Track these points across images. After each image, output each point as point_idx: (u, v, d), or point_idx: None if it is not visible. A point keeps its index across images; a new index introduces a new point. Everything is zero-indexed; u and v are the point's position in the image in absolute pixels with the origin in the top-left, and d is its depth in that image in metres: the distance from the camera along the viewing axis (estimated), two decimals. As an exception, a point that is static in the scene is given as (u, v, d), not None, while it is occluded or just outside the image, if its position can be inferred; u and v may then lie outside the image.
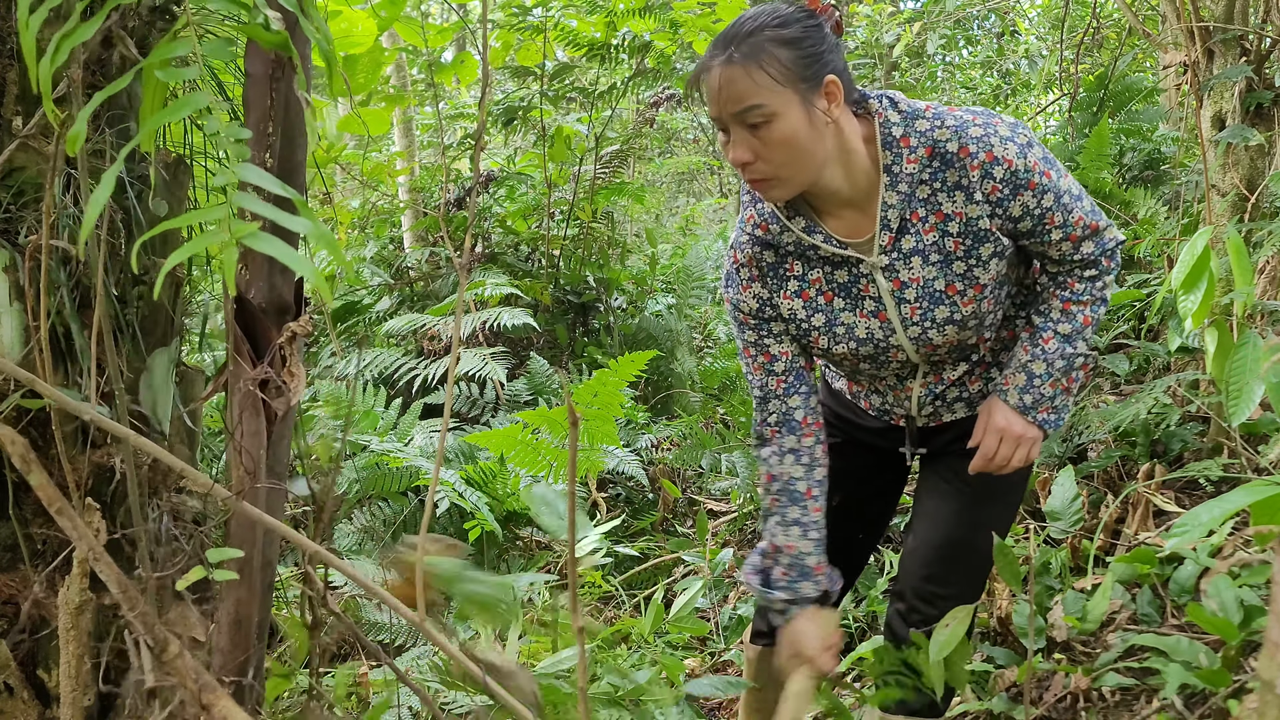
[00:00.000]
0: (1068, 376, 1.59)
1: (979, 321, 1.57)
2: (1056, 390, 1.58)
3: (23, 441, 1.01)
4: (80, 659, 1.24)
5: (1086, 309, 1.56)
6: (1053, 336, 1.56)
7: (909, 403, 1.72)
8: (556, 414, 3.38)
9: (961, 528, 1.73)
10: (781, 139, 1.39)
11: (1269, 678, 0.72)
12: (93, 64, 1.46)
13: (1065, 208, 1.49)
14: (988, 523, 1.71)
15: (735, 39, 1.40)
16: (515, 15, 5.00)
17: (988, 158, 1.43)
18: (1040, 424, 1.60)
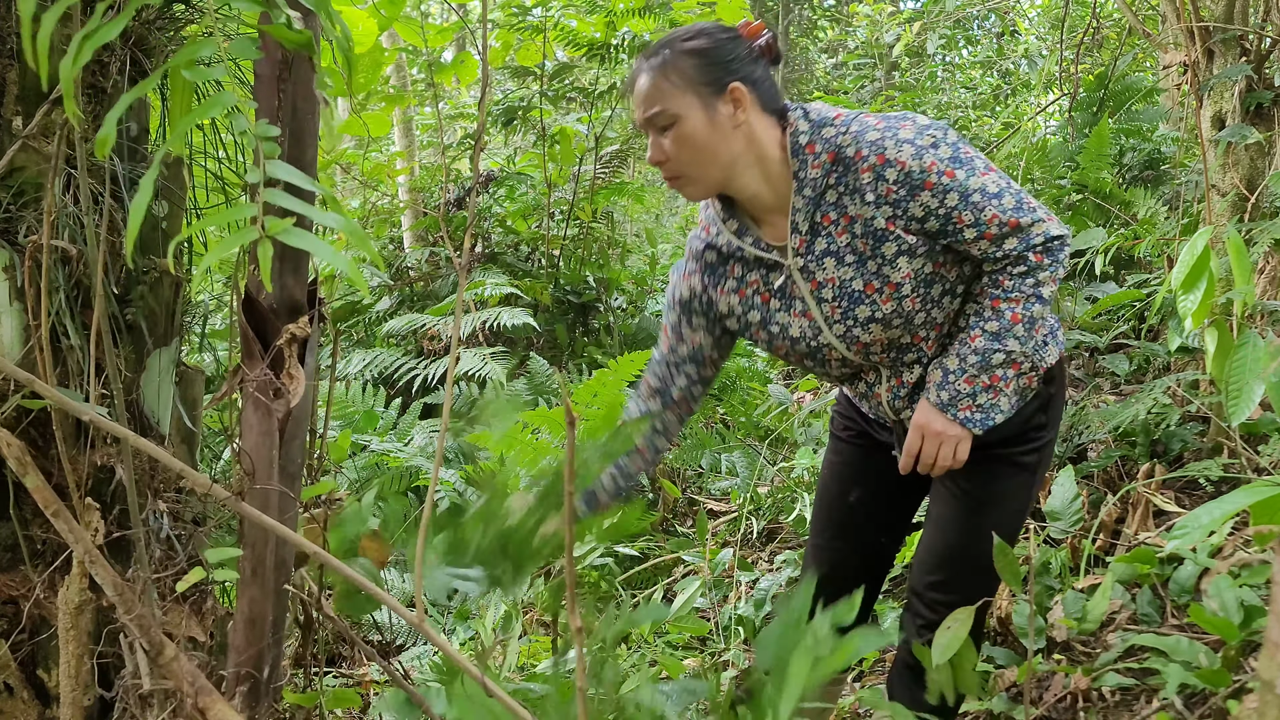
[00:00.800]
0: (988, 374, 1.57)
1: (905, 320, 1.60)
2: (976, 387, 1.57)
3: (19, 444, 1.01)
4: (80, 659, 1.24)
5: (1017, 306, 1.55)
6: (980, 334, 1.57)
7: (883, 407, 1.73)
8: (556, 414, 3.38)
9: (960, 534, 1.73)
10: (683, 139, 1.53)
11: (1269, 678, 0.72)
12: (93, 65, 1.46)
13: (975, 206, 1.51)
14: (987, 529, 1.69)
15: (651, 53, 1.56)
16: (515, 15, 5.00)
17: (879, 160, 1.50)
18: (962, 422, 1.59)
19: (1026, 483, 1.72)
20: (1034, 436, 1.70)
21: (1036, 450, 1.72)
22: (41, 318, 1.27)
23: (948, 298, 1.62)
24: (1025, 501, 1.74)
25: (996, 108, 7.70)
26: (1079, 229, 3.68)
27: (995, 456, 1.69)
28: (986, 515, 1.71)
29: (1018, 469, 1.71)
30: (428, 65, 5.26)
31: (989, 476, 1.70)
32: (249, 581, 1.40)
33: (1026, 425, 1.69)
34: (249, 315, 1.40)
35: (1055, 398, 1.74)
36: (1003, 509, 1.72)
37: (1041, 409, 1.71)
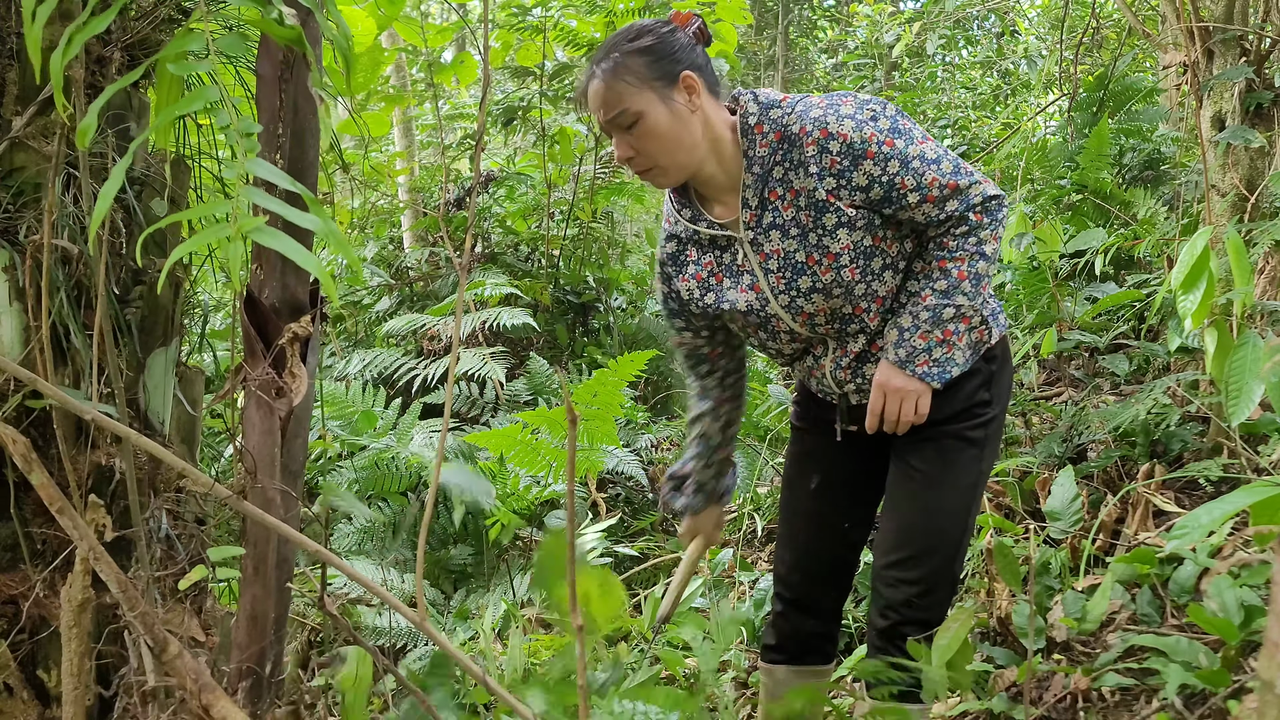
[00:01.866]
0: (941, 328, 1.65)
1: (845, 290, 1.67)
2: (930, 342, 1.65)
3: (24, 441, 1.01)
4: (81, 658, 1.24)
5: (962, 264, 1.63)
6: (930, 293, 1.65)
7: (826, 379, 1.79)
8: (556, 414, 3.38)
9: (915, 511, 1.77)
10: (649, 133, 1.62)
11: (1269, 678, 0.72)
12: (92, 64, 1.46)
13: (916, 171, 1.59)
14: (941, 504, 1.75)
15: (599, 59, 1.64)
16: (515, 15, 5.00)
17: (822, 134, 1.59)
18: (921, 376, 1.66)
19: (975, 457, 1.78)
20: (979, 412, 1.76)
21: (983, 425, 1.77)
22: (43, 317, 1.27)
23: (888, 272, 1.68)
24: (976, 476, 1.79)
25: (996, 108, 7.70)
26: (1079, 229, 3.68)
27: (944, 433, 1.75)
28: (939, 491, 1.76)
29: (966, 443, 1.76)
30: (427, 65, 5.26)
31: (939, 452, 1.76)
32: (251, 579, 1.40)
33: (971, 401, 1.75)
34: (251, 314, 1.40)
35: (998, 375, 1.80)
36: (954, 484, 1.77)
37: (984, 385, 1.77)
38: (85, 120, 0.79)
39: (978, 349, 1.71)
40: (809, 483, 1.93)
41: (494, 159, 6.14)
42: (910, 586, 1.75)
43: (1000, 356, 1.80)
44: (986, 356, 1.77)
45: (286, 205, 0.75)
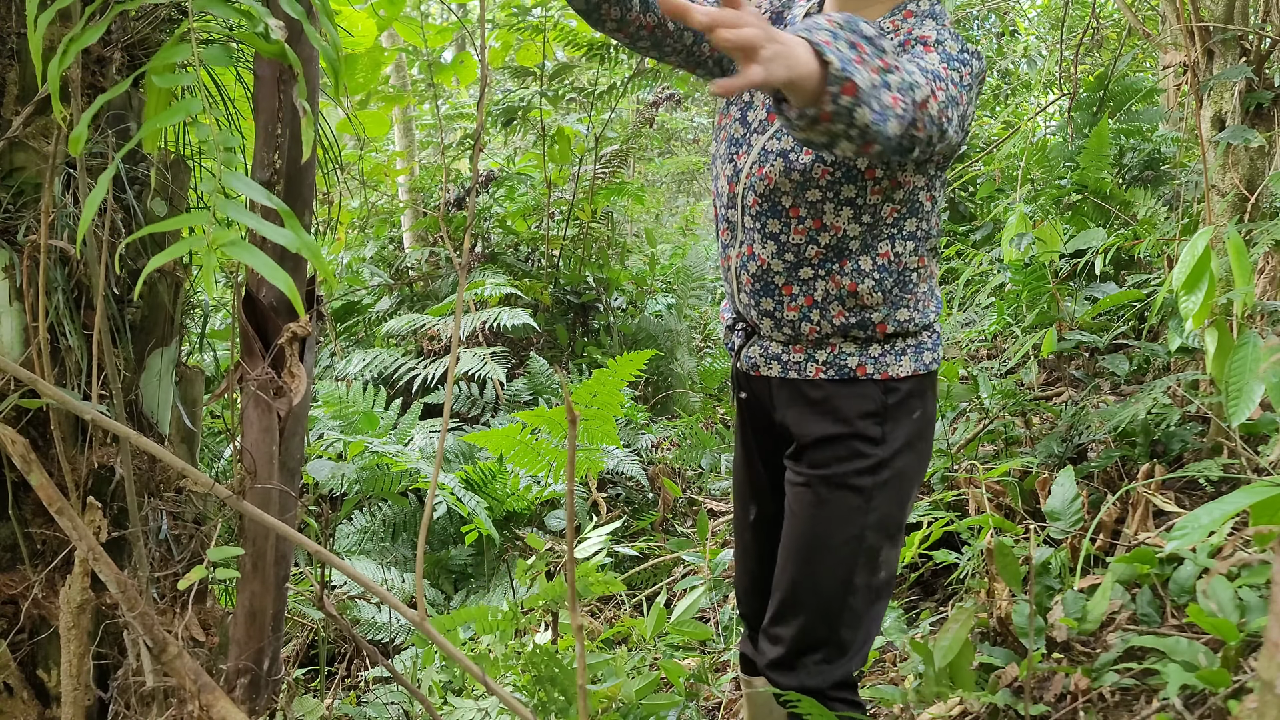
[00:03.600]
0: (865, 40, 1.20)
1: (804, 180, 1.46)
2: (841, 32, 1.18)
3: (23, 441, 1.01)
4: (81, 658, 1.24)
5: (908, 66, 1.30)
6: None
7: (731, 277, 1.61)
8: (556, 414, 3.38)
9: (789, 564, 1.59)
10: None
11: (1269, 678, 0.72)
12: (92, 64, 1.46)
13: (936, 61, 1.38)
14: (814, 565, 1.57)
15: None
16: (515, 15, 5.00)
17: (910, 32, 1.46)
18: (824, 51, 1.12)
19: (858, 509, 1.54)
20: (863, 451, 1.54)
21: (869, 471, 1.54)
22: (40, 317, 1.27)
23: (848, 209, 1.47)
24: (859, 531, 1.55)
25: (996, 107, 7.70)
26: (1079, 229, 3.68)
27: (821, 477, 1.56)
28: (812, 547, 1.57)
29: (847, 491, 1.54)
30: (427, 65, 5.26)
31: (815, 499, 1.56)
32: (250, 577, 1.41)
33: (852, 429, 1.54)
34: (249, 314, 1.40)
35: (896, 413, 1.56)
36: (827, 540, 1.56)
37: (875, 417, 1.55)
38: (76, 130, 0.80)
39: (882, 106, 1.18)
40: (748, 514, 1.78)
41: (494, 159, 6.14)
42: (776, 646, 1.60)
43: (906, 395, 1.56)
44: (886, 387, 1.55)
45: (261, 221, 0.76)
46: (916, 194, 1.52)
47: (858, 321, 1.54)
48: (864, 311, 1.54)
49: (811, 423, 1.57)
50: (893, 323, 1.55)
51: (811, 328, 1.55)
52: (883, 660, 2.66)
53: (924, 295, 1.59)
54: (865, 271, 1.51)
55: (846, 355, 1.55)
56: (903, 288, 1.55)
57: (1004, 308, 3.55)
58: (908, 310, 1.56)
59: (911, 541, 2.70)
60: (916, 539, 2.69)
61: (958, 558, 2.67)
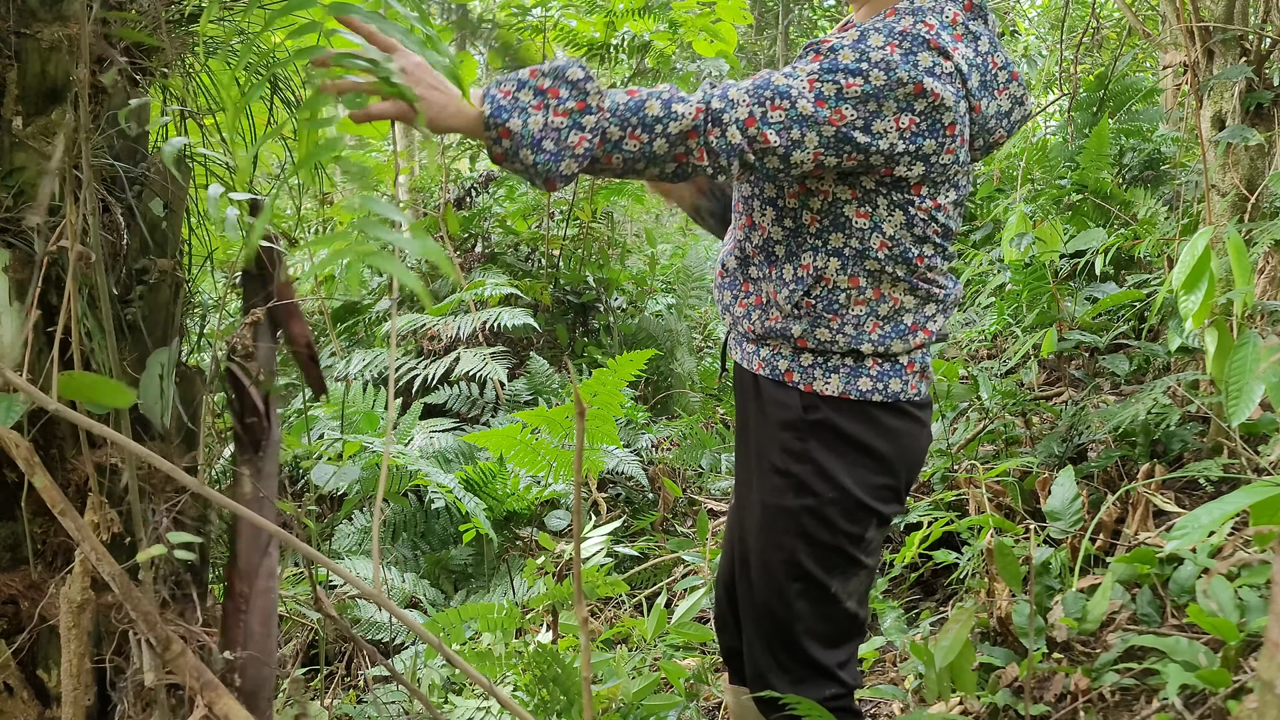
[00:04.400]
0: (555, 80, 1.29)
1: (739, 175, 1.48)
2: (531, 80, 1.29)
3: (27, 445, 1.01)
4: (81, 658, 1.24)
5: (646, 91, 1.34)
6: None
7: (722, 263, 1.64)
8: (556, 414, 3.38)
9: (740, 583, 1.59)
10: None
11: (1269, 678, 0.72)
12: (93, 63, 1.46)
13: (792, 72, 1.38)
14: (754, 586, 1.55)
15: None
16: (515, 15, 5.00)
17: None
18: (487, 96, 1.28)
19: (791, 530, 1.49)
20: (782, 468, 1.50)
21: (793, 493, 1.49)
22: (31, 317, 1.27)
23: (770, 210, 1.49)
24: (789, 556, 1.50)
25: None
26: (1079, 229, 3.68)
27: (757, 498, 1.53)
28: (751, 567, 1.54)
29: (778, 513, 1.50)
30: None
31: (753, 515, 1.54)
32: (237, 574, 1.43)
33: (776, 440, 1.51)
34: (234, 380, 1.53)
35: (818, 431, 1.49)
36: (766, 561, 1.52)
37: (793, 430, 1.50)
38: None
39: (567, 149, 1.28)
40: (731, 534, 1.75)
41: (494, 159, 6.13)
42: (749, 662, 1.58)
43: (828, 416, 1.48)
44: (806, 401, 1.49)
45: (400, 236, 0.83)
46: (840, 206, 1.46)
47: (780, 329, 1.51)
48: (785, 320, 1.51)
49: (753, 420, 1.56)
50: (811, 339, 1.49)
51: (750, 325, 1.56)
52: (883, 660, 2.66)
53: (860, 320, 1.49)
54: (785, 280, 1.50)
55: (780, 358, 1.52)
56: (825, 306, 1.48)
57: (1004, 308, 3.56)
58: (829, 331, 1.49)
59: (911, 542, 2.70)
60: (916, 539, 2.69)
61: (958, 558, 2.67)
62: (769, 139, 1.34)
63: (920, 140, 1.38)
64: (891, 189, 1.44)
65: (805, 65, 1.37)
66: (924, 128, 1.38)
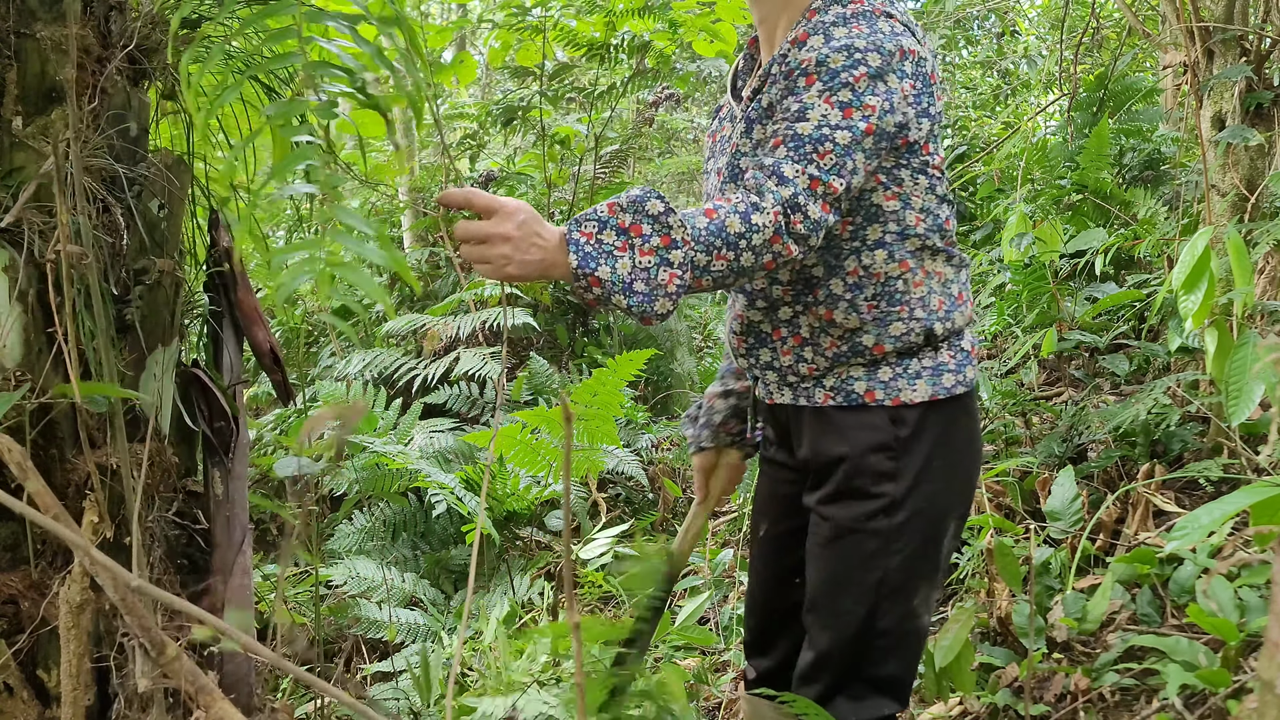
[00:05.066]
0: (635, 216, 1.29)
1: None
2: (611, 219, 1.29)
3: (20, 449, 1.01)
4: (81, 658, 1.24)
5: (723, 207, 1.31)
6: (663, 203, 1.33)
7: (731, 328, 1.61)
8: (556, 414, 3.38)
9: (815, 601, 1.54)
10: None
11: (1269, 678, 0.72)
12: (92, 64, 1.46)
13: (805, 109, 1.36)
14: (835, 608, 1.50)
15: None
16: (515, 15, 5.00)
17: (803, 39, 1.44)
18: (569, 240, 1.28)
19: (878, 552, 1.47)
20: (875, 492, 1.46)
21: (884, 512, 1.46)
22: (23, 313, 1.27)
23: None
24: (883, 573, 1.47)
25: (996, 108, 7.70)
26: (1079, 229, 3.68)
27: (835, 519, 1.49)
28: (833, 588, 1.51)
29: (865, 536, 1.47)
30: (427, 65, 5.25)
31: (831, 541, 1.50)
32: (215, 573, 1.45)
33: (861, 468, 1.46)
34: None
35: (912, 445, 1.46)
36: (848, 583, 1.49)
37: (887, 451, 1.46)
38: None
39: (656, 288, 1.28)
40: (759, 529, 1.75)
41: (494, 159, 6.14)
42: (810, 686, 1.53)
43: (919, 424, 1.46)
44: (895, 415, 1.46)
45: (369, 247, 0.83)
46: (869, 198, 1.44)
47: (849, 348, 1.48)
48: (853, 336, 1.47)
49: (821, 452, 1.50)
50: (889, 340, 1.46)
51: (809, 367, 1.50)
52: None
53: (924, 300, 1.47)
54: (838, 295, 1.46)
55: (854, 380, 1.48)
56: (888, 300, 1.46)
57: (1004, 308, 3.55)
58: (903, 323, 1.46)
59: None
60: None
61: (958, 558, 2.67)
62: (836, 187, 1.33)
63: (922, 99, 1.42)
64: (910, 157, 1.44)
65: (809, 94, 1.37)
66: (920, 85, 1.41)
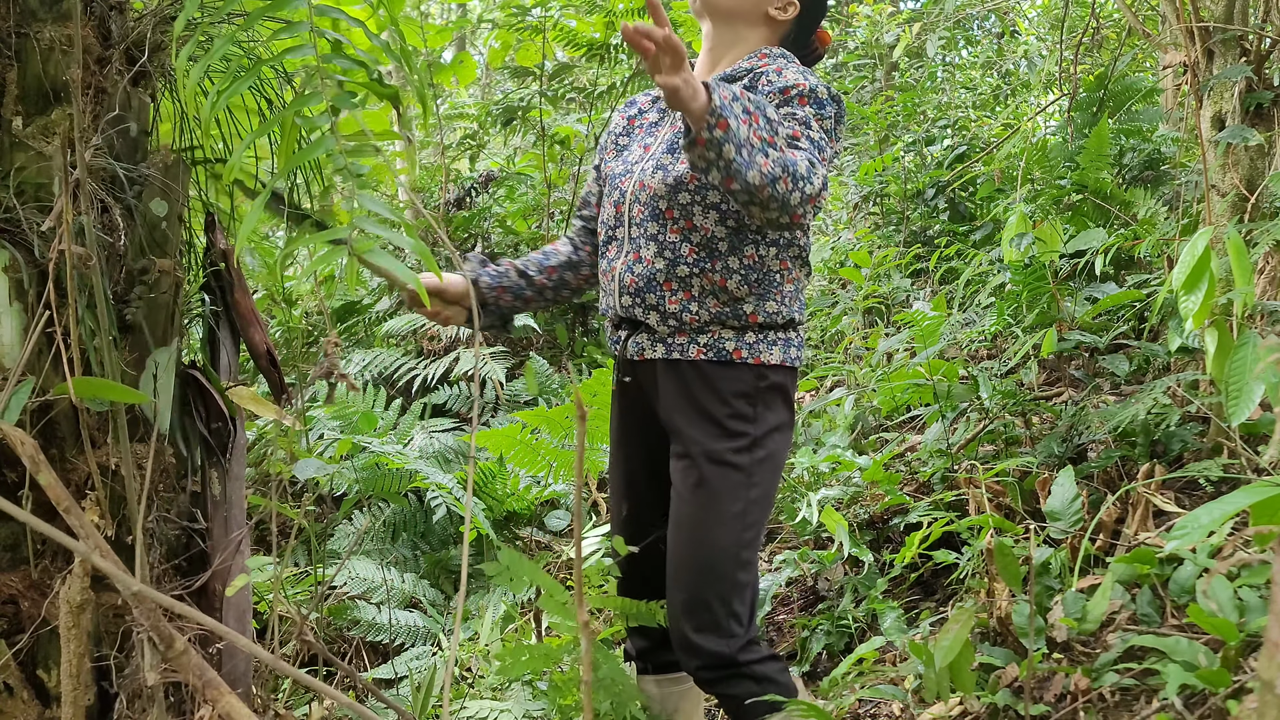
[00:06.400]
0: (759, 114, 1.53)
1: (676, 185, 1.74)
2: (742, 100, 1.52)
3: (32, 442, 1.01)
4: (81, 658, 1.24)
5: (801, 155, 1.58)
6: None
7: (614, 286, 1.82)
8: (556, 414, 3.38)
9: (682, 545, 1.76)
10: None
11: (1269, 678, 0.72)
12: (93, 64, 1.46)
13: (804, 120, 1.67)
14: (706, 541, 1.73)
15: None
16: (515, 15, 5.00)
17: (776, 71, 1.77)
18: (710, 92, 1.46)
19: (742, 483, 1.75)
20: (738, 429, 1.75)
21: (746, 450, 1.75)
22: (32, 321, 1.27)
23: (714, 212, 1.74)
24: (744, 505, 1.75)
25: (996, 108, 7.70)
26: (1079, 229, 3.68)
27: (706, 454, 1.74)
28: (704, 525, 1.73)
29: (730, 469, 1.74)
30: (427, 65, 5.26)
31: (701, 480, 1.75)
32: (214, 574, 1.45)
33: (729, 408, 1.74)
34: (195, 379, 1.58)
35: (766, 396, 1.78)
36: (719, 517, 1.73)
37: (747, 398, 1.76)
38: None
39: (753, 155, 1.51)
40: (621, 512, 1.96)
41: (494, 159, 6.14)
42: (688, 630, 1.73)
43: (775, 383, 1.78)
44: (758, 372, 1.77)
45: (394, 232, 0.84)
46: None
47: (731, 311, 1.77)
48: (736, 303, 1.77)
49: (692, 401, 1.76)
50: (763, 313, 1.78)
51: (691, 317, 1.77)
52: (883, 660, 2.66)
53: (790, 295, 1.82)
54: (733, 269, 1.76)
55: (725, 340, 1.77)
56: (767, 285, 1.79)
57: (1004, 308, 3.55)
58: (775, 303, 1.79)
59: (911, 542, 2.70)
60: (916, 539, 2.69)
61: (958, 558, 2.67)
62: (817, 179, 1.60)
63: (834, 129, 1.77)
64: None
65: (803, 112, 1.68)
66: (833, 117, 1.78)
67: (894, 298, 4.97)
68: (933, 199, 5.40)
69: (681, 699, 1.99)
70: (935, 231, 5.40)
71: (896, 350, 4.30)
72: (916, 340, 3.32)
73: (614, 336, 1.91)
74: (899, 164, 5.60)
